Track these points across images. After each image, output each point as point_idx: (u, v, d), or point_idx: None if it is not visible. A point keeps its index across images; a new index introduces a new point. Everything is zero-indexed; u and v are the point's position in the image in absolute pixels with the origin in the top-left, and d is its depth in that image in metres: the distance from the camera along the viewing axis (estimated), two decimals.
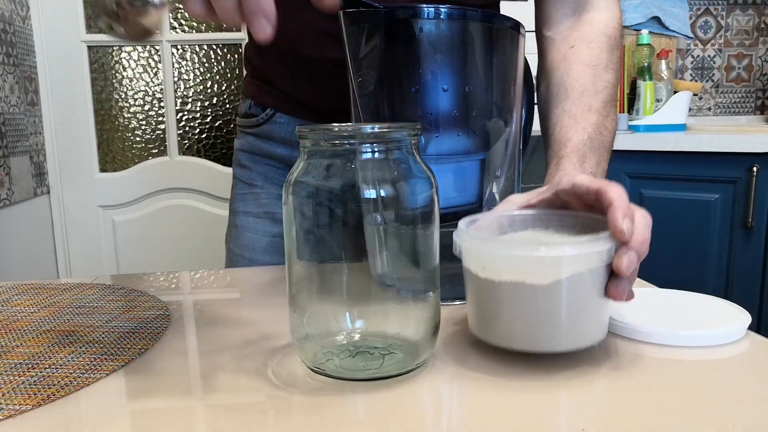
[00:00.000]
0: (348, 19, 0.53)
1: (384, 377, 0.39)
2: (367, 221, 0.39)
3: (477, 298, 0.44)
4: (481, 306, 0.43)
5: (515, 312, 0.41)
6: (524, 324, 0.41)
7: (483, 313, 0.43)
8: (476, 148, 0.55)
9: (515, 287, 0.40)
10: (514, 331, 0.42)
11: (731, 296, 1.60)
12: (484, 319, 0.43)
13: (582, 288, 0.41)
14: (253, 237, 0.82)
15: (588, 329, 0.42)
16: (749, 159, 1.57)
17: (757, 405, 0.36)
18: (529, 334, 0.41)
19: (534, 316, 0.41)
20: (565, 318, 0.41)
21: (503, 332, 0.42)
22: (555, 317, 0.40)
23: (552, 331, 0.41)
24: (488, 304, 0.42)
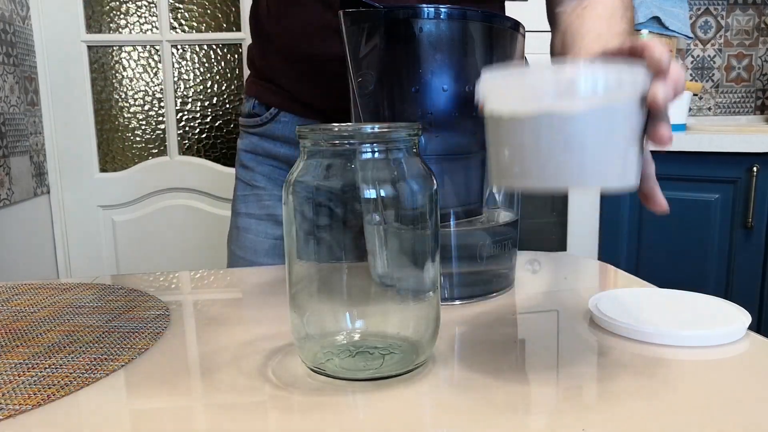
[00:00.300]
0: (348, 19, 0.53)
1: (384, 377, 0.39)
2: (367, 221, 0.39)
3: (501, 142, 0.41)
4: (508, 150, 0.40)
5: (547, 145, 0.38)
6: (555, 158, 0.38)
7: (510, 158, 0.40)
8: (476, 148, 0.55)
9: (541, 119, 0.38)
10: (545, 168, 0.39)
11: (731, 296, 1.60)
12: (511, 164, 0.40)
13: (614, 118, 0.38)
14: (255, 239, 0.81)
15: (619, 167, 0.40)
16: (749, 159, 1.57)
17: (757, 405, 0.36)
18: (561, 169, 0.39)
19: (565, 148, 0.38)
20: (597, 150, 0.38)
21: (533, 171, 0.39)
22: (582, 149, 0.38)
23: (583, 164, 0.38)
24: (516, 144, 0.40)
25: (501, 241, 0.56)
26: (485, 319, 0.51)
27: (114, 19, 1.99)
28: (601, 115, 0.38)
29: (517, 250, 0.60)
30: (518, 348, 0.45)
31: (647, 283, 0.60)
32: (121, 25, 1.99)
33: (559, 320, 0.50)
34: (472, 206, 0.56)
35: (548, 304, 0.55)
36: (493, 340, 0.46)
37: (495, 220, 0.58)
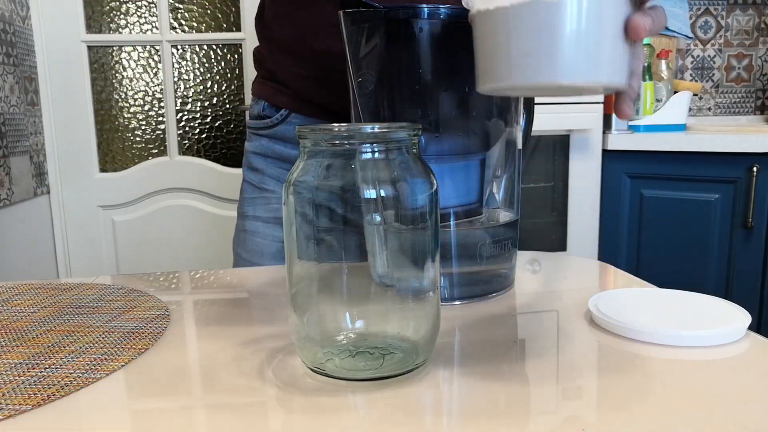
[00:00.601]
0: (348, 19, 0.53)
1: (384, 377, 0.39)
2: (367, 221, 0.39)
3: (488, 41, 0.40)
4: (496, 47, 0.40)
5: (530, 37, 0.38)
6: (544, 51, 0.38)
7: (498, 55, 0.40)
8: (476, 148, 0.55)
9: (527, 8, 0.37)
10: (533, 62, 0.38)
11: (731, 296, 1.60)
12: (498, 63, 0.40)
13: (600, 6, 0.38)
14: (261, 242, 0.81)
15: (609, 61, 0.39)
16: (749, 159, 1.57)
17: (757, 405, 0.36)
18: (543, 62, 0.38)
19: (549, 39, 0.37)
20: (586, 40, 0.38)
21: (521, 67, 0.39)
22: (573, 38, 0.37)
23: (573, 56, 0.38)
24: (502, 40, 0.39)
25: (501, 241, 0.56)
26: (485, 319, 0.51)
27: (114, 19, 1.99)
28: (589, 2, 0.37)
29: (517, 250, 0.60)
30: (518, 348, 0.45)
31: (647, 283, 0.60)
32: (121, 25, 1.99)
33: (559, 320, 0.50)
34: (472, 206, 0.56)
35: (548, 304, 0.55)
36: (493, 340, 0.46)
37: (495, 220, 0.58)
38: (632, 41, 0.41)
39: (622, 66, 0.40)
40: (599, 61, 0.39)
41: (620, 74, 0.40)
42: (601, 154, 1.77)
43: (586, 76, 0.39)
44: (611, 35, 0.39)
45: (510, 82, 0.40)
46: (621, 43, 0.39)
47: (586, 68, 0.38)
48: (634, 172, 1.74)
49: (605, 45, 0.39)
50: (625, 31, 0.40)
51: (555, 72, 0.38)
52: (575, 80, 0.39)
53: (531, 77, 0.39)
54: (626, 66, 0.41)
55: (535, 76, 0.39)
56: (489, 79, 0.41)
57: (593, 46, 0.38)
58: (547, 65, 0.38)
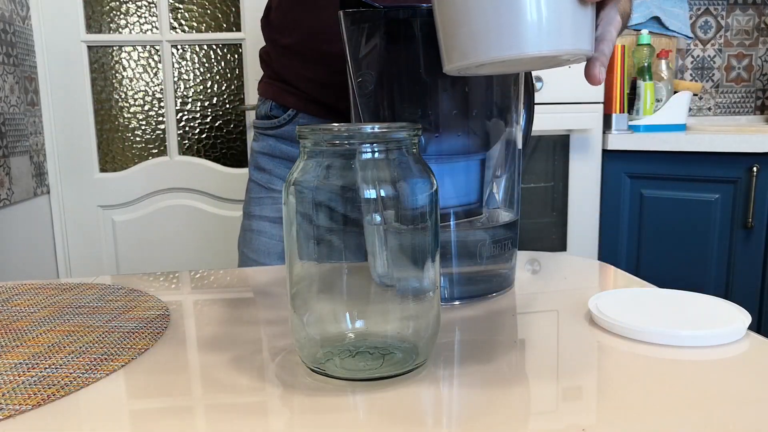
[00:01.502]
0: (348, 19, 0.53)
1: (384, 377, 0.39)
2: (367, 221, 0.39)
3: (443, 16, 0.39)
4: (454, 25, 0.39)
5: (488, 11, 0.37)
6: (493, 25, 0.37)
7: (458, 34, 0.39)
8: (476, 148, 0.55)
9: None
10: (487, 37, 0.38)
11: (731, 296, 1.60)
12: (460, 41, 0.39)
13: None
14: (268, 242, 0.81)
15: (566, 29, 0.38)
16: (749, 159, 1.57)
17: (757, 405, 0.36)
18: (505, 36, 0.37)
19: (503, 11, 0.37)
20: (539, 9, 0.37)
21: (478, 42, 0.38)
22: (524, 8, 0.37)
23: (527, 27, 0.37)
24: (460, 17, 0.38)
25: (501, 241, 0.56)
26: (485, 319, 0.51)
27: (114, 19, 1.99)
28: None
29: (517, 250, 0.60)
30: (518, 348, 0.45)
31: (647, 283, 0.60)
32: (121, 25, 1.99)
33: (559, 320, 0.50)
34: (472, 206, 0.56)
35: (548, 304, 0.55)
36: (493, 340, 0.46)
37: (495, 220, 0.58)
38: (592, 6, 0.40)
39: (585, 31, 0.39)
40: (561, 28, 0.38)
41: (585, 40, 0.39)
42: (601, 154, 1.77)
43: (549, 45, 0.38)
44: (566, 2, 0.38)
45: (474, 59, 0.39)
46: (580, 8, 0.39)
47: (548, 37, 0.38)
48: (634, 172, 1.74)
49: (564, 11, 0.38)
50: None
51: (518, 44, 0.38)
52: (539, 50, 0.38)
53: (494, 52, 0.38)
54: (590, 31, 0.40)
55: (498, 50, 0.38)
56: (454, 58, 0.41)
57: (552, 13, 0.37)
58: (509, 38, 0.38)
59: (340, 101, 0.75)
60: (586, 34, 0.40)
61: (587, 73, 0.44)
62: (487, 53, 0.38)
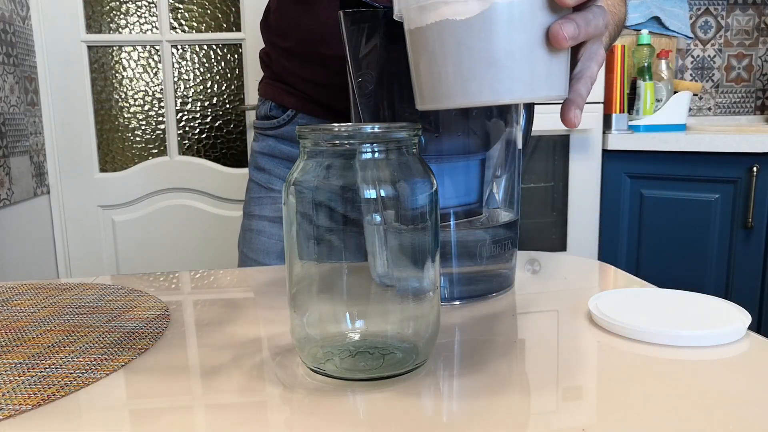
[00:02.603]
0: (348, 19, 0.53)
1: (384, 377, 0.39)
2: (367, 221, 0.39)
3: (414, 58, 0.38)
4: (421, 66, 0.38)
5: (449, 58, 0.36)
6: (458, 73, 0.36)
7: (425, 75, 0.38)
8: (476, 148, 0.55)
9: (443, 27, 0.36)
10: (453, 84, 0.37)
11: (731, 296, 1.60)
12: (427, 85, 0.38)
13: (516, 19, 0.35)
14: (267, 242, 0.81)
15: (537, 76, 0.37)
16: (749, 159, 1.57)
17: (757, 405, 0.36)
18: (466, 84, 0.36)
19: (469, 60, 0.36)
20: (504, 58, 0.35)
21: (444, 89, 0.37)
22: (488, 57, 0.35)
23: (493, 76, 0.36)
24: (425, 59, 0.37)
25: (501, 241, 0.56)
26: (485, 319, 0.51)
27: (114, 19, 1.99)
28: (501, 18, 0.35)
29: (517, 250, 0.60)
30: (518, 348, 0.45)
31: (647, 283, 0.60)
32: (121, 25, 1.99)
33: (559, 320, 0.50)
34: (472, 206, 0.56)
35: (548, 304, 0.55)
36: (493, 340, 0.46)
37: (495, 220, 0.58)
38: (565, 50, 0.38)
39: (559, 76, 0.38)
40: (523, 77, 0.37)
41: (558, 86, 0.38)
42: (601, 154, 1.77)
43: (522, 92, 0.37)
44: (535, 49, 0.36)
45: (446, 104, 0.39)
46: (549, 54, 0.37)
47: (520, 84, 0.37)
48: (634, 172, 1.74)
49: (529, 60, 0.36)
50: (547, 40, 0.37)
51: (490, 91, 0.37)
52: (509, 98, 0.37)
53: (466, 98, 0.37)
54: (564, 75, 0.38)
55: (469, 97, 0.37)
56: (426, 100, 0.40)
57: (525, 61, 0.36)
58: (481, 85, 0.37)
59: (340, 101, 0.75)
60: (559, 80, 0.38)
61: (562, 117, 0.42)
62: (458, 100, 0.38)
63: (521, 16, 0.36)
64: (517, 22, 0.36)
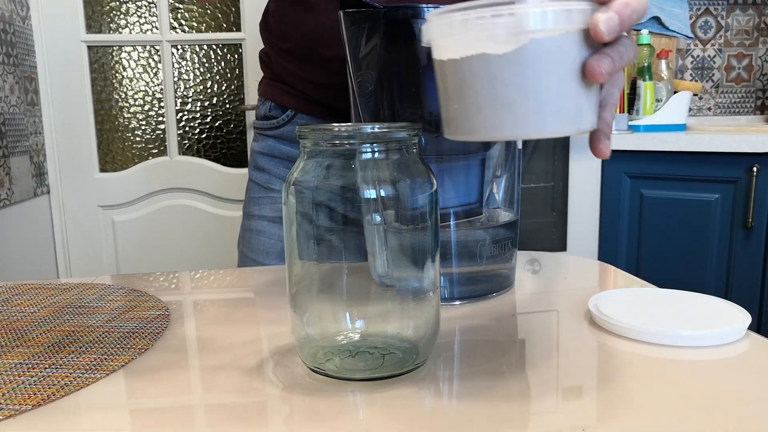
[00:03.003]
0: (348, 19, 0.53)
1: (384, 377, 0.39)
2: (367, 221, 0.39)
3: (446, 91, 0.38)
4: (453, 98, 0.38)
5: (484, 91, 0.36)
6: (492, 107, 0.36)
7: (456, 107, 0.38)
8: (476, 148, 0.55)
9: (479, 61, 0.35)
10: (486, 117, 0.36)
11: (731, 296, 1.60)
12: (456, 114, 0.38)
13: (551, 55, 0.35)
14: (267, 242, 0.81)
15: (568, 111, 0.37)
16: (749, 159, 1.57)
17: (757, 405, 0.36)
18: (500, 118, 0.36)
19: (502, 94, 0.35)
20: (538, 92, 0.35)
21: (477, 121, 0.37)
22: (524, 92, 0.35)
23: (528, 110, 0.36)
24: (458, 91, 0.37)
25: (501, 241, 0.56)
26: (485, 319, 0.51)
27: (114, 19, 1.99)
28: (539, 54, 0.35)
29: (517, 250, 0.60)
30: (518, 348, 0.45)
31: (647, 283, 0.60)
32: (121, 25, 1.99)
33: (559, 320, 0.50)
34: (472, 206, 0.56)
35: (548, 304, 0.55)
36: (493, 340, 0.46)
37: (495, 220, 0.58)
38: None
39: (589, 110, 0.38)
40: (559, 111, 0.37)
41: (587, 119, 0.38)
42: None
43: (548, 128, 0.37)
44: (570, 83, 0.36)
45: (469, 136, 0.38)
46: (584, 88, 0.37)
47: (547, 120, 0.36)
48: (634, 172, 1.74)
49: (565, 95, 0.36)
50: (583, 74, 0.37)
51: (513, 127, 0.36)
52: (537, 134, 0.37)
53: (487, 132, 0.37)
54: (594, 108, 0.38)
55: (490, 132, 0.37)
56: (451, 130, 0.40)
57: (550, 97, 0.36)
58: (504, 120, 0.36)
59: (340, 102, 0.75)
60: (590, 113, 0.38)
61: (593, 149, 0.42)
62: (492, 133, 0.37)
63: (558, 51, 0.35)
64: (554, 57, 0.36)
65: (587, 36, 0.36)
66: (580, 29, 0.36)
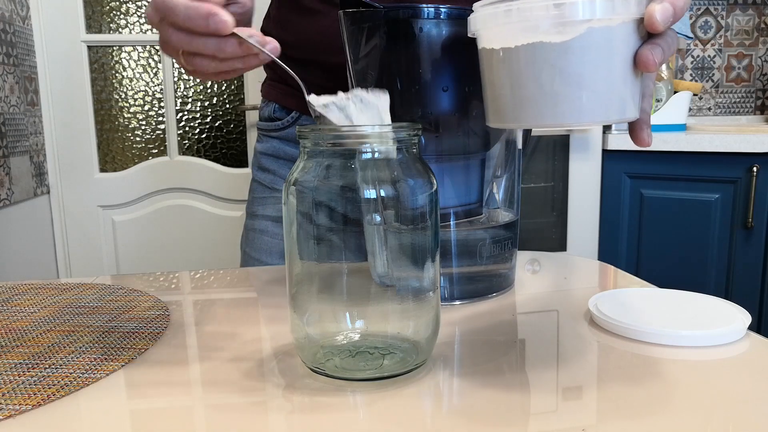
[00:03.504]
0: (348, 19, 0.53)
1: (384, 377, 0.39)
2: (367, 221, 0.39)
3: (494, 79, 0.39)
4: (503, 86, 0.39)
5: (540, 79, 0.37)
6: (546, 94, 0.37)
7: (507, 95, 0.39)
8: (476, 148, 0.55)
9: (536, 49, 0.36)
10: (538, 104, 0.38)
11: (731, 296, 1.60)
12: (506, 104, 0.39)
13: (607, 44, 0.36)
14: (270, 241, 0.82)
15: (614, 100, 0.38)
16: (749, 159, 1.57)
17: (757, 405, 0.36)
18: (553, 105, 0.37)
19: (557, 82, 0.36)
20: (593, 81, 0.36)
21: (528, 108, 0.38)
22: (579, 80, 0.36)
23: (581, 98, 0.37)
24: (511, 79, 0.38)
25: (501, 241, 0.56)
26: (485, 319, 0.51)
27: (114, 19, 1.99)
28: (596, 43, 0.36)
29: (517, 250, 0.60)
30: (518, 348, 0.45)
31: (647, 283, 0.60)
32: (121, 25, 1.99)
33: (559, 320, 0.50)
34: (472, 206, 0.56)
35: (548, 304, 0.55)
36: (493, 340, 0.46)
37: (495, 220, 0.58)
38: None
39: (633, 99, 0.39)
40: (609, 100, 0.38)
41: (632, 107, 0.39)
42: (601, 154, 1.77)
43: (597, 116, 0.38)
44: (621, 72, 0.37)
45: (518, 123, 0.39)
46: (631, 77, 0.38)
47: (597, 108, 0.37)
48: (634, 172, 1.74)
49: (615, 83, 0.37)
50: (635, 64, 0.38)
51: (565, 114, 0.38)
52: (587, 121, 0.38)
53: (538, 119, 0.38)
54: (638, 97, 0.39)
55: (542, 119, 0.38)
56: (499, 118, 0.41)
57: (603, 86, 0.37)
58: (556, 108, 0.37)
59: None
60: (636, 101, 0.39)
61: (635, 139, 0.43)
62: (545, 120, 0.38)
63: (614, 41, 0.36)
64: (610, 46, 0.36)
65: (640, 26, 0.37)
66: (635, 19, 0.37)
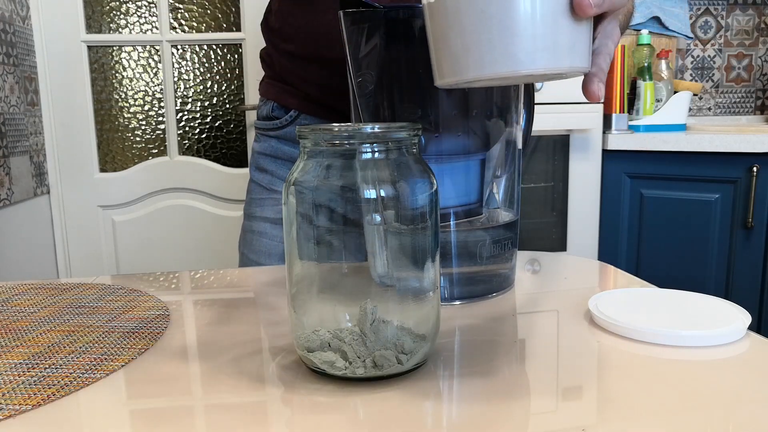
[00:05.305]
0: (348, 19, 0.53)
1: (384, 377, 0.39)
2: (367, 221, 0.39)
3: (433, 31, 0.38)
4: (441, 39, 0.38)
5: (470, 28, 0.36)
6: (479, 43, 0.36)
7: (443, 48, 0.38)
8: (476, 148, 0.55)
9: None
10: (473, 55, 0.37)
11: (731, 296, 1.60)
12: (452, 58, 0.38)
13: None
14: (269, 243, 0.81)
15: (561, 47, 0.37)
16: (749, 159, 1.57)
17: (757, 405, 0.36)
18: (489, 54, 0.36)
19: (491, 29, 0.36)
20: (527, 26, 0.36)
21: (465, 59, 0.37)
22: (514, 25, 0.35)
23: (516, 45, 0.36)
24: (445, 31, 0.37)
25: (501, 241, 0.56)
26: (485, 319, 0.51)
27: (114, 19, 1.99)
28: None
29: (517, 250, 0.60)
30: (518, 348, 0.45)
31: (647, 283, 0.60)
32: (121, 25, 1.99)
33: (559, 320, 0.50)
34: (472, 206, 0.56)
35: (548, 304, 0.55)
36: (493, 340, 0.46)
37: (495, 220, 0.58)
38: (588, 20, 0.39)
39: (582, 48, 0.38)
40: (556, 45, 0.37)
41: (581, 57, 0.38)
42: (601, 154, 1.77)
43: (544, 62, 0.37)
44: (556, 18, 0.37)
45: (464, 76, 0.38)
46: (570, 24, 0.37)
47: (543, 54, 0.37)
48: (634, 172, 1.74)
49: (559, 27, 0.37)
50: (572, 10, 0.37)
51: (511, 62, 0.37)
52: (533, 68, 0.37)
53: (487, 69, 0.37)
54: (587, 47, 0.39)
55: (490, 68, 0.37)
56: (446, 74, 0.40)
57: (547, 29, 0.36)
58: (502, 56, 0.37)
59: (342, 103, 0.75)
60: (582, 51, 0.38)
61: (585, 90, 0.43)
62: (478, 71, 0.38)
63: None
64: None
65: None
66: None
